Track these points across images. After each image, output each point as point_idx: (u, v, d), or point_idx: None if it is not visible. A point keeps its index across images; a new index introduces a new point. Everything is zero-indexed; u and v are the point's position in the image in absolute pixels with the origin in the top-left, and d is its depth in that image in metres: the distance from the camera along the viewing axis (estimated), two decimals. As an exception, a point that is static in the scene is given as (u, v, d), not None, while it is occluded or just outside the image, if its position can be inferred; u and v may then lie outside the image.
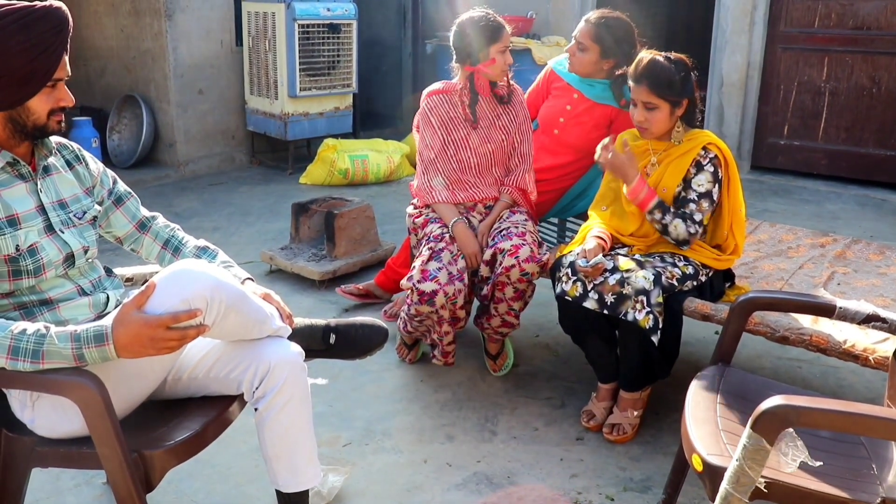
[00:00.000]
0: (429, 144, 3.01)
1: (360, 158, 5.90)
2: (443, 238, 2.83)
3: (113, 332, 1.60)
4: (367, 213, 4.14)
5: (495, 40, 2.86)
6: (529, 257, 2.71)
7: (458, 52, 2.94)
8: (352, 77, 6.36)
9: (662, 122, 2.56)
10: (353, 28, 6.24)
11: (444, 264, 2.73)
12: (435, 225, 2.91)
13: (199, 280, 1.65)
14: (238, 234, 4.85)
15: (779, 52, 6.44)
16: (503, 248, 2.75)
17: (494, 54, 2.87)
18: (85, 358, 1.60)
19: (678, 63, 2.54)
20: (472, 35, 2.88)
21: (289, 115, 6.08)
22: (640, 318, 2.42)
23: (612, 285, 2.47)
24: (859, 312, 2.01)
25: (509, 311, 2.86)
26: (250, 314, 1.79)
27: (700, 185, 2.55)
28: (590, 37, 3.11)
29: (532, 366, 3.21)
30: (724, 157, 2.56)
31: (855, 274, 2.89)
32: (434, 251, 2.78)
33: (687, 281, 2.55)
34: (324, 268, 3.93)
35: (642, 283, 2.44)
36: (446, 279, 2.70)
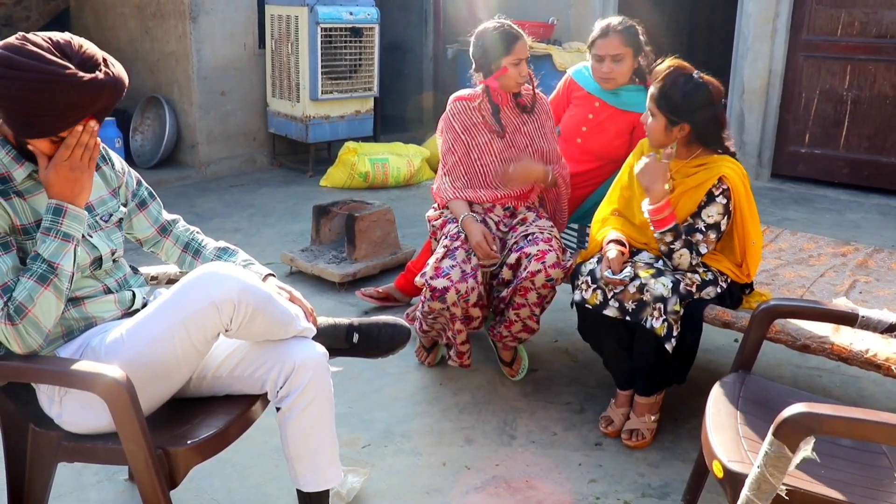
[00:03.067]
0: (451, 148, 3.02)
1: (380, 162, 5.93)
2: (458, 237, 2.85)
3: (55, 196, 1.71)
4: (387, 217, 4.16)
5: (507, 52, 2.85)
6: (556, 263, 2.71)
7: (475, 62, 2.96)
8: (373, 81, 6.40)
9: (656, 131, 2.54)
10: (375, 32, 6.27)
11: (457, 262, 2.75)
12: (452, 225, 2.93)
13: (226, 283, 1.68)
14: (259, 234, 4.89)
15: (801, 60, 6.40)
16: (529, 253, 2.76)
17: (507, 65, 2.87)
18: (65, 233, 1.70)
19: (696, 87, 2.46)
20: (486, 46, 2.89)
21: (310, 118, 6.12)
22: (656, 326, 2.43)
23: (633, 293, 2.48)
24: (882, 321, 2.01)
25: (531, 317, 2.86)
26: (276, 316, 1.81)
27: (709, 217, 2.51)
28: (622, 43, 3.09)
29: (551, 370, 3.21)
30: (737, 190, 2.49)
31: (877, 283, 2.87)
32: (449, 249, 2.80)
33: (707, 287, 2.55)
34: (344, 270, 3.95)
35: (660, 291, 2.44)
36: (458, 276, 2.71)
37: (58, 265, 1.66)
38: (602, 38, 3.11)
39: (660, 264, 2.58)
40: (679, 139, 2.54)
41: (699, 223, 2.53)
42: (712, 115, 2.50)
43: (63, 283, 1.66)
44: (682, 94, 2.46)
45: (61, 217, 1.69)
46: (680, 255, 2.51)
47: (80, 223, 1.71)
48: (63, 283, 1.66)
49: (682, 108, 2.46)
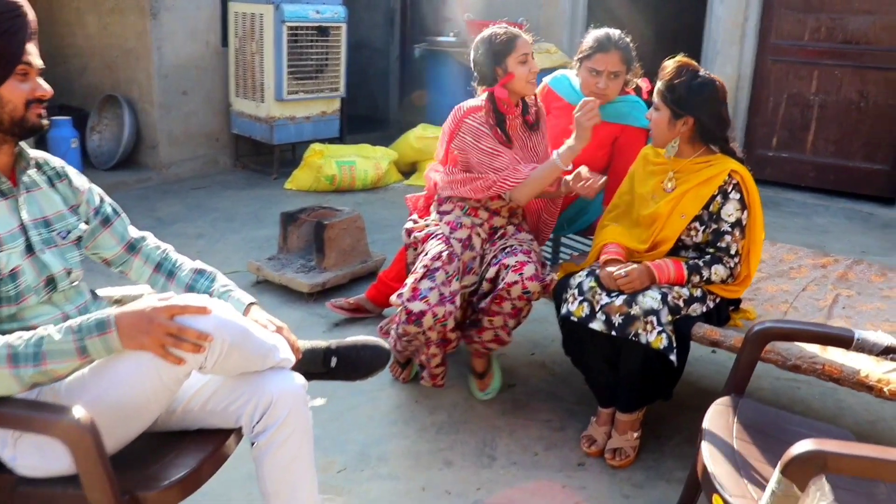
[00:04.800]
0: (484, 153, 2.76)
1: (347, 164, 5.80)
2: (440, 257, 2.69)
3: (116, 316, 1.53)
4: (357, 224, 4.04)
5: (509, 51, 2.72)
6: (534, 275, 2.63)
7: (477, 72, 2.82)
8: (340, 81, 6.26)
9: (660, 126, 2.53)
10: (342, 31, 6.14)
11: (436, 284, 2.62)
12: (436, 241, 2.78)
13: (201, 318, 1.56)
14: (223, 241, 4.73)
15: (769, 64, 6.42)
16: (508, 264, 2.67)
17: (513, 67, 2.73)
18: (88, 350, 1.51)
19: (702, 82, 2.47)
20: (486, 51, 2.74)
21: (275, 119, 5.97)
22: (651, 339, 2.35)
23: (620, 306, 2.41)
24: (878, 344, 1.96)
25: (504, 327, 2.76)
26: (253, 349, 1.69)
27: (730, 216, 2.48)
28: (622, 60, 2.99)
29: (529, 385, 3.13)
30: (746, 182, 2.50)
31: (859, 297, 2.84)
32: (429, 270, 2.66)
33: (693, 304, 2.48)
34: (313, 280, 3.83)
35: (651, 304, 2.37)
36: (436, 300, 2.60)
37: (45, 365, 1.50)
38: (603, 52, 2.97)
39: None
40: (683, 135, 2.52)
41: (723, 225, 2.49)
42: (717, 111, 2.49)
43: (31, 380, 1.50)
44: (687, 87, 2.45)
45: (103, 331, 1.52)
46: (715, 273, 2.48)
47: (108, 350, 1.54)
48: (31, 380, 1.50)
49: (688, 100, 2.46)
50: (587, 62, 2.99)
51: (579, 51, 3.05)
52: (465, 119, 2.79)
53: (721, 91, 2.49)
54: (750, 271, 2.55)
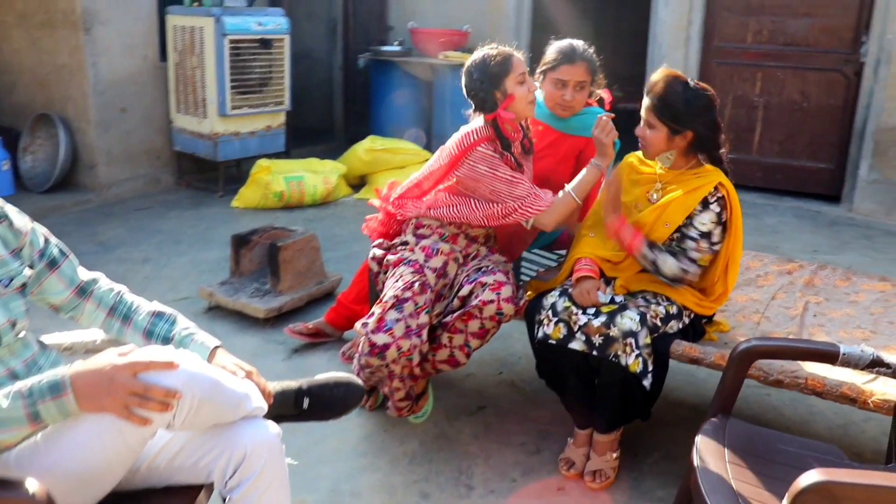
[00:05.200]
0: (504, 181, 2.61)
1: (295, 180, 5.65)
2: (411, 286, 2.57)
3: (72, 376, 1.38)
4: (312, 244, 3.91)
5: (506, 72, 2.56)
6: (510, 297, 2.54)
7: (473, 98, 2.65)
8: (284, 94, 6.10)
9: (657, 144, 2.47)
10: (285, 43, 5.98)
11: (403, 316, 2.50)
12: (408, 268, 2.64)
13: (168, 375, 1.42)
14: (170, 265, 4.54)
15: (714, 67, 6.48)
16: (484, 282, 2.56)
17: (512, 88, 2.57)
18: (41, 416, 1.38)
19: (696, 94, 2.42)
20: (482, 75, 2.56)
21: (219, 135, 5.78)
22: (629, 363, 2.30)
23: (598, 327, 2.34)
24: (863, 357, 1.92)
25: (463, 347, 2.64)
26: (224, 401, 1.56)
27: (703, 224, 2.44)
28: (588, 70, 2.90)
29: (500, 407, 3.04)
30: (731, 200, 2.46)
31: (827, 303, 2.83)
32: (399, 300, 2.53)
33: (671, 321, 2.43)
34: (269, 304, 3.68)
35: (629, 325, 2.32)
36: (402, 332, 2.48)
37: None
38: (569, 63, 2.87)
39: (620, 299, 2.46)
40: (679, 148, 2.47)
41: (691, 231, 2.45)
42: (713, 120, 2.45)
43: None
44: (683, 101, 2.40)
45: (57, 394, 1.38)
46: (663, 261, 2.42)
47: (63, 415, 1.40)
48: None
49: (685, 115, 2.41)
50: (552, 73, 2.91)
51: (543, 62, 2.97)
52: (478, 147, 2.60)
53: (714, 99, 2.46)
54: (727, 288, 2.51)
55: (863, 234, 5.53)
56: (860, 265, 4.82)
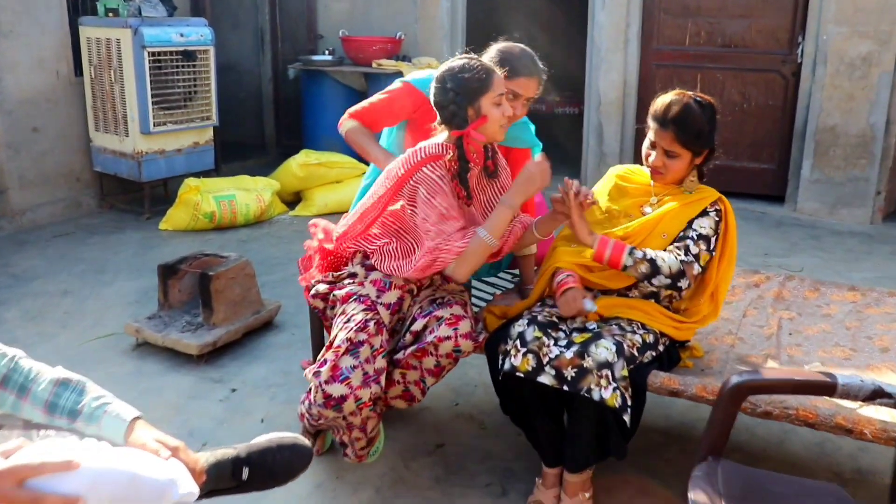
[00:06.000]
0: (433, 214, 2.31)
1: (226, 199, 5.33)
2: (366, 327, 2.30)
3: None
4: (246, 271, 3.62)
5: (485, 90, 2.30)
6: (468, 333, 2.31)
7: (442, 112, 2.38)
8: (211, 108, 5.77)
9: (681, 171, 2.37)
10: (210, 54, 5.65)
11: (360, 362, 2.25)
12: (359, 305, 2.36)
13: (67, 477, 1.15)
14: (94, 297, 4.18)
15: (653, 70, 6.40)
16: (440, 316, 2.32)
17: (487, 109, 2.31)
18: None
19: (707, 109, 2.33)
20: (456, 90, 2.29)
21: (142, 154, 5.42)
22: (606, 397, 2.09)
23: (571, 358, 2.13)
24: (863, 388, 1.76)
25: (418, 382, 2.41)
26: (145, 495, 1.30)
27: (702, 227, 2.34)
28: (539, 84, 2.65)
29: (459, 444, 2.82)
30: (728, 215, 2.40)
31: (801, 319, 2.69)
32: (353, 343, 2.27)
33: (647, 351, 2.25)
34: (202, 339, 3.38)
35: (605, 355, 2.11)
36: (360, 381, 2.23)
37: None
38: (528, 76, 2.61)
39: (593, 326, 2.26)
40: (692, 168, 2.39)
41: (690, 232, 2.33)
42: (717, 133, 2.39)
43: None
44: (706, 120, 2.32)
45: None
46: (662, 259, 2.26)
47: None
48: None
49: (708, 134, 2.34)
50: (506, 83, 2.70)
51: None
52: (424, 167, 2.32)
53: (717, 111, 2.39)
54: (717, 307, 2.39)
55: (810, 235, 5.50)
56: (812, 267, 4.76)
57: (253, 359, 3.46)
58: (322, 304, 2.50)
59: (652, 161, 2.37)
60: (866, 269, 4.80)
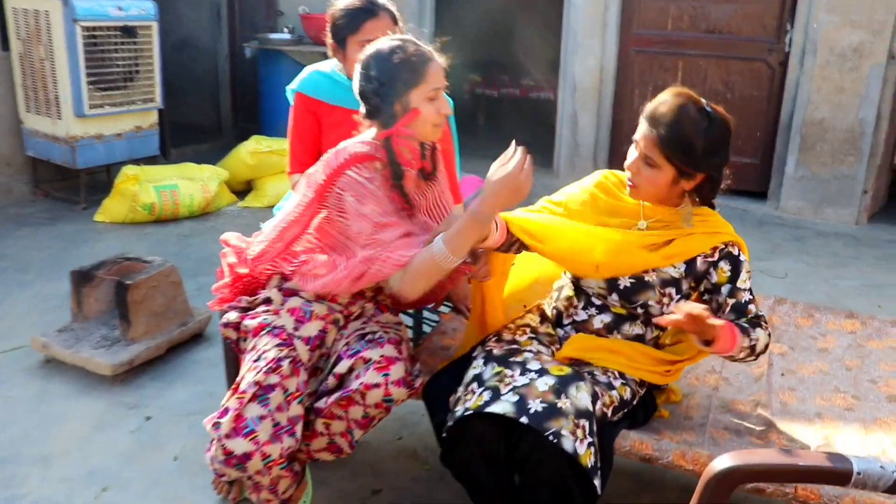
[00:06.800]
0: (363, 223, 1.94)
1: (168, 189, 4.89)
2: (278, 368, 1.91)
3: None
4: (170, 279, 3.21)
5: (417, 81, 1.93)
6: (402, 379, 1.93)
7: (367, 103, 1.99)
8: (155, 90, 5.31)
9: (658, 187, 1.90)
10: (153, 31, 5.19)
11: (269, 411, 1.87)
12: (272, 339, 1.97)
13: None
14: (9, 301, 3.75)
15: (632, 55, 6.03)
16: (369, 359, 1.94)
17: (418, 103, 1.94)
18: None
19: (717, 124, 1.86)
20: (382, 78, 1.92)
21: (77, 139, 4.97)
22: (581, 452, 1.68)
23: (544, 391, 1.74)
24: (884, 478, 1.40)
25: (345, 434, 2.03)
26: None
27: (745, 282, 1.92)
28: (392, 23, 2.33)
29: (399, 487, 2.45)
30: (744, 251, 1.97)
31: (793, 353, 2.34)
32: (261, 387, 1.89)
33: (621, 410, 1.88)
34: (117, 357, 2.98)
35: (586, 403, 1.73)
36: (268, 435, 1.85)
37: None
38: (372, 17, 2.29)
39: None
40: (678, 192, 1.92)
41: (743, 295, 1.90)
42: (726, 158, 1.91)
43: None
44: (703, 134, 1.83)
45: None
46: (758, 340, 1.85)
47: None
48: None
49: (702, 154, 1.84)
50: (354, 37, 2.29)
51: (334, 27, 2.33)
52: (348, 170, 1.95)
53: (731, 133, 1.90)
54: None
55: (793, 236, 5.17)
56: (796, 273, 4.44)
57: (175, 378, 3.07)
58: (234, 335, 2.11)
59: (628, 163, 1.96)
60: (852, 275, 4.48)
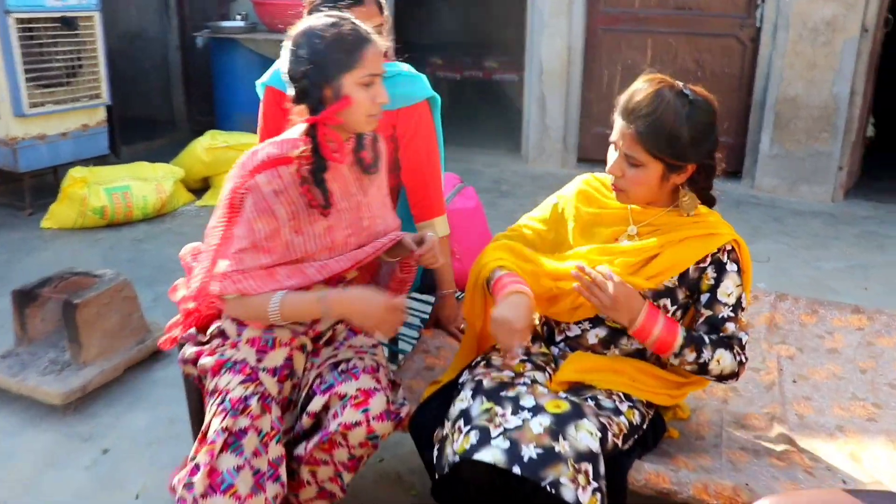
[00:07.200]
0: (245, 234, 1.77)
1: (120, 191, 4.61)
2: (247, 409, 1.70)
3: None
4: (124, 293, 2.97)
5: (351, 65, 1.71)
6: (383, 413, 1.73)
7: (295, 86, 1.77)
8: (101, 85, 4.99)
9: (647, 186, 1.72)
10: (95, 21, 4.86)
11: (247, 458, 1.66)
12: (234, 378, 1.75)
13: None
14: (-55, 321, 3.47)
15: (600, 35, 5.86)
16: (343, 394, 1.74)
17: (351, 89, 1.72)
18: None
19: (699, 109, 1.68)
20: (311, 60, 1.71)
21: (17, 140, 4.64)
22: (584, 501, 1.50)
23: (538, 434, 1.54)
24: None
25: (334, 478, 1.84)
26: None
27: (730, 295, 1.73)
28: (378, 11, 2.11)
29: (384, 517, 2.26)
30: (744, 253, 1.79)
31: (802, 356, 2.19)
32: (232, 433, 1.67)
33: (632, 436, 1.70)
34: (68, 384, 2.74)
35: (587, 443, 1.54)
36: (250, 486, 1.64)
37: None
38: (356, 4, 2.07)
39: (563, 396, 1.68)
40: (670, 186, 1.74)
41: (722, 310, 1.72)
42: (716, 142, 1.73)
43: None
44: (688, 123, 1.65)
45: None
46: (717, 361, 1.69)
47: None
48: None
49: (690, 143, 1.66)
50: None
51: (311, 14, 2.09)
52: (259, 174, 1.73)
53: (717, 114, 1.73)
54: None
55: (771, 216, 5.06)
56: (778, 255, 4.33)
57: (133, 403, 2.83)
58: (195, 371, 1.88)
59: (609, 167, 1.76)
60: (834, 257, 4.37)
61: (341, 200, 1.83)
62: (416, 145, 2.23)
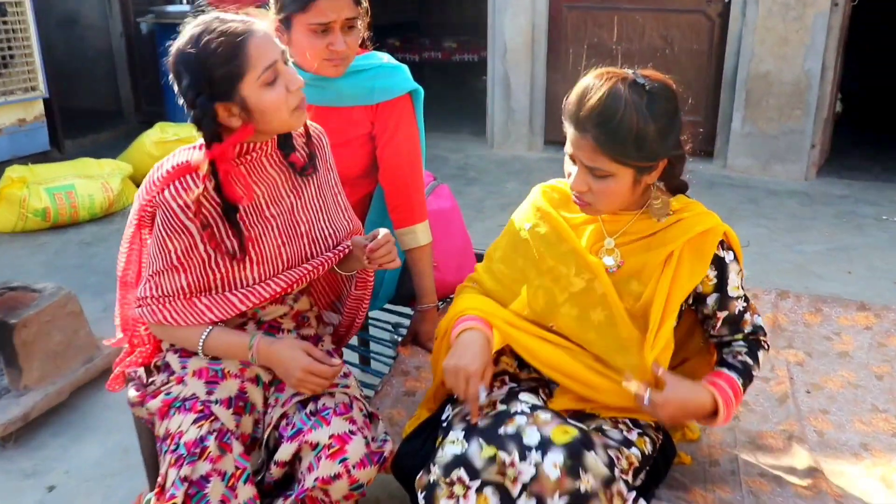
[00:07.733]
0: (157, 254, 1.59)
1: (63, 190, 4.30)
2: (204, 452, 1.47)
3: None
4: (68, 309, 2.70)
5: (241, 73, 1.45)
6: (364, 457, 1.51)
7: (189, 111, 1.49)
8: (37, 76, 4.68)
9: (618, 195, 1.51)
10: (26, 7, 4.54)
11: None
12: (185, 418, 1.53)
13: None
14: None
15: (564, 12, 5.67)
16: (316, 443, 1.52)
17: (255, 97, 1.47)
18: None
19: (658, 98, 1.46)
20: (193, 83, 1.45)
21: (-53, 138, 4.32)
22: None
23: (558, 480, 1.34)
24: None
25: None
26: None
27: (737, 287, 1.59)
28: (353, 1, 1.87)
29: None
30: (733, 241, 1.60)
31: (812, 362, 2.02)
32: (193, 483, 1.45)
33: (645, 467, 1.51)
34: (7, 413, 2.48)
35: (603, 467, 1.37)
36: None
37: None
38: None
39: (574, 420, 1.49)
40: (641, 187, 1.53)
41: (737, 304, 1.58)
42: (682, 127, 1.53)
43: None
44: (653, 119, 1.44)
45: None
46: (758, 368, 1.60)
47: None
48: None
49: (659, 139, 1.46)
50: (303, 17, 1.81)
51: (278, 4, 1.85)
52: (166, 188, 1.53)
53: (677, 95, 1.52)
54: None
55: (746, 197, 4.93)
56: (758, 240, 4.19)
57: (83, 431, 2.59)
58: (146, 413, 1.65)
59: (572, 182, 1.54)
60: (815, 239, 4.25)
61: (269, 206, 1.61)
62: (397, 144, 2.01)
